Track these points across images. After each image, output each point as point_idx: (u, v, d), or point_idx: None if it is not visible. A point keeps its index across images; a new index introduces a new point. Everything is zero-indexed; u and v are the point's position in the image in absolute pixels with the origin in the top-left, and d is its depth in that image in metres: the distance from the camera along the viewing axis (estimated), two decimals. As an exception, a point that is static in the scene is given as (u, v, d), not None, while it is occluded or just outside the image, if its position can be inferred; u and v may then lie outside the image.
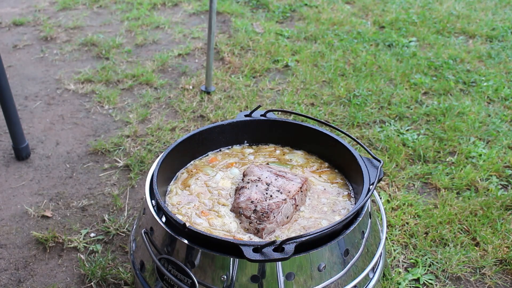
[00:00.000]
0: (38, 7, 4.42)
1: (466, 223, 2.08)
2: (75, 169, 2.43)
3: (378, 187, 2.26)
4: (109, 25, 4.08)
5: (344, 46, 3.66)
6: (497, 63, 3.50)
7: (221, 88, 3.10)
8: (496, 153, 2.51)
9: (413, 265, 1.91)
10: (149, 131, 2.68)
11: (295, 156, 1.59)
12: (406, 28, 4.00)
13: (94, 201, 2.22)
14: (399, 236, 2.02)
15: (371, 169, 1.36)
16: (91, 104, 2.97)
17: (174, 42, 3.79)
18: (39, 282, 1.84)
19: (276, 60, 3.46)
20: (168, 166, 1.43)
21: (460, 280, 1.86)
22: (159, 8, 4.46)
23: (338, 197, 1.42)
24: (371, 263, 1.29)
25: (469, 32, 3.99)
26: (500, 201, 2.18)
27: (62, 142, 2.63)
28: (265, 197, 1.33)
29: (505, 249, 1.95)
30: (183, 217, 1.33)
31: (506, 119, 2.84)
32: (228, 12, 4.31)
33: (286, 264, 1.13)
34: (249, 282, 1.15)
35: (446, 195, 2.22)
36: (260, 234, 1.26)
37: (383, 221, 1.42)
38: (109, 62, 3.44)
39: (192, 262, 1.17)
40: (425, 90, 3.13)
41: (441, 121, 2.78)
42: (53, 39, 3.80)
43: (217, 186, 1.45)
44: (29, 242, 2.00)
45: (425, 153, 2.51)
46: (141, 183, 2.32)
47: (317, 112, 2.84)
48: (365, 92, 3.06)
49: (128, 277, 1.82)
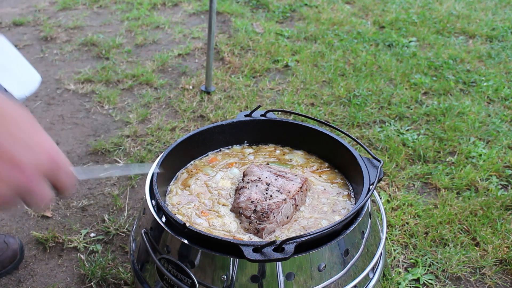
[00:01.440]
0: (38, 7, 4.41)
1: (466, 223, 2.08)
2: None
3: (378, 187, 2.26)
4: (109, 25, 4.08)
5: (344, 46, 3.66)
6: (497, 63, 3.50)
7: (221, 88, 3.09)
8: (496, 153, 2.51)
9: (413, 265, 1.91)
10: (149, 131, 2.68)
11: (295, 156, 1.59)
12: (406, 28, 4.00)
13: (94, 201, 2.22)
14: (399, 236, 2.02)
15: (371, 169, 1.36)
16: (91, 104, 2.97)
17: (174, 42, 3.79)
18: (39, 282, 1.84)
19: (276, 60, 3.46)
20: (168, 166, 1.43)
21: (460, 280, 1.86)
22: (159, 8, 4.46)
23: (338, 197, 1.42)
24: (371, 263, 1.29)
25: (469, 32, 3.99)
26: (500, 201, 2.18)
27: (62, 142, 2.63)
28: (265, 197, 1.33)
29: (505, 249, 1.95)
30: (183, 217, 1.33)
31: (506, 119, 2.83)
32: (228, 12, 4.31)
33: (286, 264, 1.13)
34: (249, 282, 1.14)
35: (446, 195, 2.22)
36: (260, 234, 1.26)
37: (383, 221, 1.42)
38: (109, 62, 3.44)
39: (192, 262, 1.17)
40: (425, 90, 3.13)
41: (441, 121, 2.78)
42: (53, 39, 3.80)
43: (217, 186, 1.45)
44: (29, 242, 2.00)
45: (425, 153, 2.51)
46: (141, 183, 2.32)
47: (317, 112, 2.84)
48: (365, 92, 3.05)
49: (128, 277, 1.82)
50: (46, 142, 0.66)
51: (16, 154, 0.62)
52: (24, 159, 0.63)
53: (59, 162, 0.68)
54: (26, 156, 0.63)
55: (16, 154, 0.62)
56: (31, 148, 0.64)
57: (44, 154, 0.65)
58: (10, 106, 0.64)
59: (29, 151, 0.64)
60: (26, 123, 0.65)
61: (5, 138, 0.61)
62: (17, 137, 0.63)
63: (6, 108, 0.63)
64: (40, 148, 0.65)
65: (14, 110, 0.64)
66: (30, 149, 0.64)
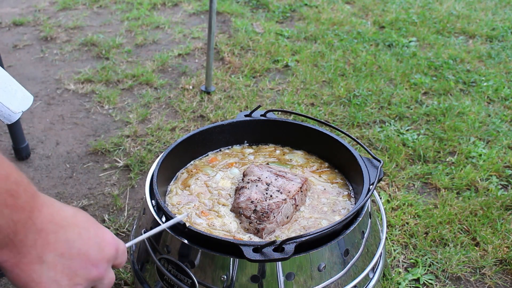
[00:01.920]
0: (38, 7, 4.41)
1: (466, 223, 2.08)
2: (75, 169, 2.43)
3: (378, 187, 2.26)
4: (109, 25, 4.08)
5: (344, 46, 3.66)
6: (497, 63, 3.50)
7: (221, 88, 3.09)
8: (496, 153, 2.51)
9: (413, 265, 1.91)
10: (149, 131, 2.68)
11: (295, 156, 1.59)
12: (406, 28, 4.00)
13: (94, 201, 2.22)
14: (399, 236, 2.02)
15: (371, 169, 1.36)
16: (91, 104, 2.97)
17: (174, 42, 3.79)
18: (39, 282, 1.84)
19: (276, 60, 3.46)
20: (168, 166, 1.43)
21: (460, 280, 1.86)
22: (159, 8, 4.46)
23: (338, 197, 1.42)
24: (371, 263, 1.29)
25: (469, 32, 3.99)
26: (500, 201, 2.18)
27: (62, 142, 2.63)
28: (265, 197, 1.33)
29: (505, 249, 1.95)
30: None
31: (506, 119, 2.84)
32: (228, 12, 4.31)
33: (286, 264, 1.13)
34: (249, 282, 1.15)
35: (446, 195, 2.22)
36: (260, 234, 1.26)
37: (383, 221, 1.42)
38: (109, 62, 3.44)
39: (192, 262, 1.17)
40: (425, 90, 3.13)
41: (441, 121, 2.78)
42: (53, 39, 3.80)
43: (217, 186, 1.45)
44: (29, 242, 2.00)
45: (425, 153, 2.51)
46: (141, 183, 2.32)
47: (317, 112, 2.84)
48: (365, 92, 3.05)
49: (128, 277, 1.82)
50: (108, 236, 0.79)
51: (90, 253, 0.74)
52: (96, 256, 0.75)
53: (119, 249, 0.81)
54: (97, 253, 0.75)
55: (90, 253, 0.74)
56: (99, 245, 0.75)
57: (109, 247, 0.78)
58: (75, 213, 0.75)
59: (98, 248, 0.75)
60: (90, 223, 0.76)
61: (78, 241, 0.72)
62: (87, 238, 0.74)
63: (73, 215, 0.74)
64: (105, 243, 0.77)
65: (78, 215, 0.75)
66: (99, 246, 0.75)
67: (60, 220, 0.71)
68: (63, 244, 0.70)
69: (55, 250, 0.69)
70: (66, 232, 0.71)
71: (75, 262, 0.72)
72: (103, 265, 0.76)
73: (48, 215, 0.69)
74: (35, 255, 0.67)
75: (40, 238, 0.67)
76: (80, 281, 0.73)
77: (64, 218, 0.72)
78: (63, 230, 0.70)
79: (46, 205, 0.69)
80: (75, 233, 0.72)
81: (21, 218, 0.65)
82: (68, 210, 0.74)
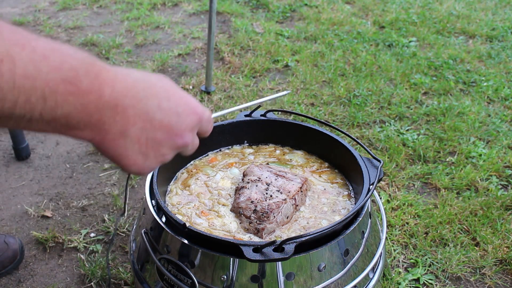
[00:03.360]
0: (38, 7, 4.42)
1: (466, 223, 2.08)
2: (75, 169, 2.43)
3: (378, 187, 2.26)
4: (109, 25, 4.08)
5: (344, 46, 3.66)
6: (497, 63, 3.50)
7: (221, 88, 3.09)
8: (496, 153, 2.51)
9: (413, 265, 1.91)
10: (149, 131, 2.68)
11: (295, 156, 1.59)
12: (406, 28, 4.00)
13: (94, 201, 2.22)
14: (399, 236, 2.02)
15: (371, 169, 1.36)
16: (91, 104, 2.96)
17: (174, 42, 3.79)
18: (39, 282, 1.84)
19: (276, 60, 3.46)
20: (168, 166, 1.43)
21: (460, 280, 1.86)
22: (159, 8, 4.46)
23: (338, 197, 1.42)
24: (371, 263, 1.29)
25: (469, 32, 3.99)
26: (500, 201, 2.18)
27: (62, 142, 2.63)
28: (265, 197, 1.33)
29: (505, 249, 1.95)
30: (183, 217, 1.33)
31: (506, 119, 2.84)
32: (228, 12, 4.31)
33: (286, 264, 1.13)
34: (249, 282, 1.14)
35: (446, 195, 2.22)
36: (260, 234, 1.26)
37: (383, 221, 1.42)
38: (109, 62, 3.44)
39: (192, 262, 1.17)
40: (425, 90, 3.13)
41: (441, 121, 2.78)
42: (53, 39, 3.80)
43: (217, 186, 1.45)
44: (29, 242, 2.00)
45: (425, 153, 2.51)
46: (141, 183, 2.32)
47: (317, 112, 2.84)
48: (365, 92, 3.05)
49: (128, 277, 1.82)
50: (190, 103, 0.77)
51: (172, 124, 0.73)
52: (179, 126, 0.74)
53: (203, 116, 0.80)
54: (179, 122, 0.74)
55: (172, 124, 0.73)
56: (181, 115, 0.74)
57: (192, 115, 0.77)
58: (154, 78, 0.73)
59: (180, 118, 0.74)
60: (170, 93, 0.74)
61: (158, 113, 0.71)
62: (167, 109, 0.72)
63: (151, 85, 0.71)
64: (187, 111, 0.76)
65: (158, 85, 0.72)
66: (181, 115, 0.74)
67: (136, 93, 0.68)
68: (143, 117, 0.69)
69: (135, 124, 0.68)
70: (145, 104, 0.69)
71: (158, 133, 0.72)
72: (187, 134, 0.76)
73: (122, 89, 0.66)
74: (117, 130, 0.67)
75: (118, 114, 0.66)
76: (166, 151, 0.75)
77: (141, 90, 0.69)
78: (141, 103, 0.68)
79: (118, 80, 0.66)
80: (154, 105, 0.70)
81: (91, 100, 0.62)
82: (145, 81, 0.71)
